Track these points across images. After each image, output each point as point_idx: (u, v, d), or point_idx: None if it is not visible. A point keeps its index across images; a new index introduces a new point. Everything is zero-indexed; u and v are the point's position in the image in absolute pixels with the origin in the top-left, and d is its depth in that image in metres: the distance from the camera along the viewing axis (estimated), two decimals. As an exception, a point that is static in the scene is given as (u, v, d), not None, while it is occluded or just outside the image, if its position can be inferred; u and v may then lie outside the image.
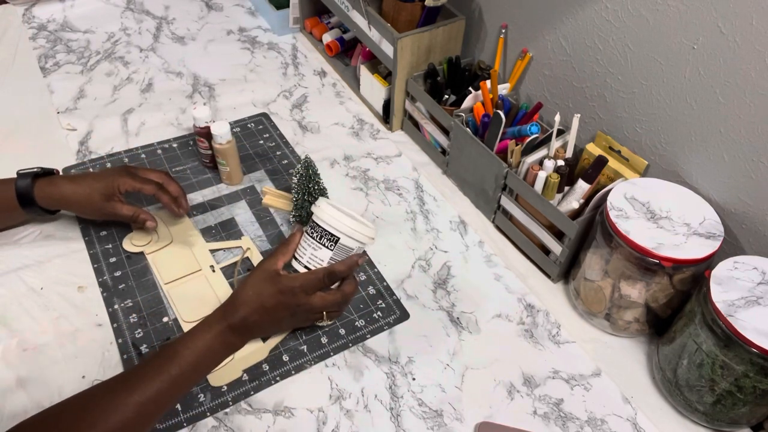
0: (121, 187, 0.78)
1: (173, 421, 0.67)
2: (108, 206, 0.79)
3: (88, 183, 0.78)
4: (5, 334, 0.72)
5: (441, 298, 0.82)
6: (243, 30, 1.27)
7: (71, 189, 0.78)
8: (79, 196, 0.78)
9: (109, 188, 0.78)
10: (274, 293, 0.67)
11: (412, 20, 0.98)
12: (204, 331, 0.66)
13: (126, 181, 0.78)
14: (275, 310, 0.68)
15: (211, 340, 0.65)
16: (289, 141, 1.03)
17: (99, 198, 0.78)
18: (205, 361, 0.65)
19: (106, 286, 0.78)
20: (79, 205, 0.79)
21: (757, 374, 0.62)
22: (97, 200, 0.78)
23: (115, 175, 0.79)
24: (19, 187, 0.76)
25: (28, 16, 1.23)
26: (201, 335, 0.65)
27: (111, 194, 0.78)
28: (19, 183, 0.76)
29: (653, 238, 0.68)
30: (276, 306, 0.67)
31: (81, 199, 0.78)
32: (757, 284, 0.65)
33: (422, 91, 0.97)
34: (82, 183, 0.78)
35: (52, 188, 0.77)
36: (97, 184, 0.78)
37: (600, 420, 0.71)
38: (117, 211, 0.79)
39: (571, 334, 0.79)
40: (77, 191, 0.78)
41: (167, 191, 0.82)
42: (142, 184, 0.79)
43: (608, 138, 0.83)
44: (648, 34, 0.76)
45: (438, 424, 0.69)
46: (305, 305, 0.69)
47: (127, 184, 0.78)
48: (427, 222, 0.92)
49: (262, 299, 0.67)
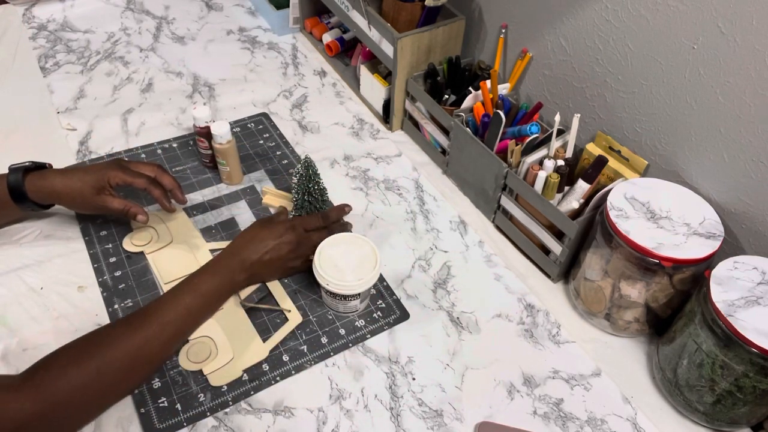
0: (112, 181, 0.78)
1: (173, 421, 0.67)
2: (99, 199, 0.78)
3: (79, 176, 0.78)
4: (5, 334, 0.72)
5: (441, 298, 0.82)
6: (243, 30, 1.27)
7: (62, 182, 0.77)
8: (70, 189, 0.77)
9: (99, 181, 0.78)
10: (281, 231, 0.76)
11: (412, 20, 0.98)
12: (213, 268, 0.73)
13: (117, 174, 0.78)
14: (280, 246, 0.76)
15: (221, 274, 0.73)
16: (289, 141, 1.03)
17: (90, 191, 0.77)
18: (215, 293, 0.73)
19: (106, 286, 0.78)
20: (70, 198, 0.79)
21: (757, 374, 0.62)
22: (88, 194, 0.77)
23: (106, 169, 0.78)
24: (11, 182, 0.75)
25: (28, 16, 1.23)
26: (211, 271, 0.73)
27: (102, 187, 0.78)
28: (10, 178, 0.75)
29: (653, 238, 0.68)
30: (281, 242, 0.76)
31: (72, 192, 0.78)
32: (757, 284, 0.65)
33: (422, 91, 0.97)
34: (73, 176, 0.78)
35: (42, 182, 0.77)
36: (88, 177, 0.78)
37: (600, 420, 0.71)
38: (107, 205, 0.79)
39: (571, 334, 0.79)
40: (68, 184, 0.77)
41: (160, 185, 0.82)
42: (134, 178, 0.79)
43: (608, 138, 0.83)
44: (648, 34, 0.76)
45: (438, 424, 0.69)
46: (305, 239, 0.78)
47: (117, 177, 0.78)
48: (427, 222, 0.92)
49: (268, 237, 0.75)
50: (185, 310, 0.69)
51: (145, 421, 0.66)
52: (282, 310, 0.78)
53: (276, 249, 0.76)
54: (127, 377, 0.66)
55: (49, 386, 0.59)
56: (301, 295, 0.80)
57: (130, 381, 0.67)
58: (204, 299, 0.71)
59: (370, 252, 0.76)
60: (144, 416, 0.66)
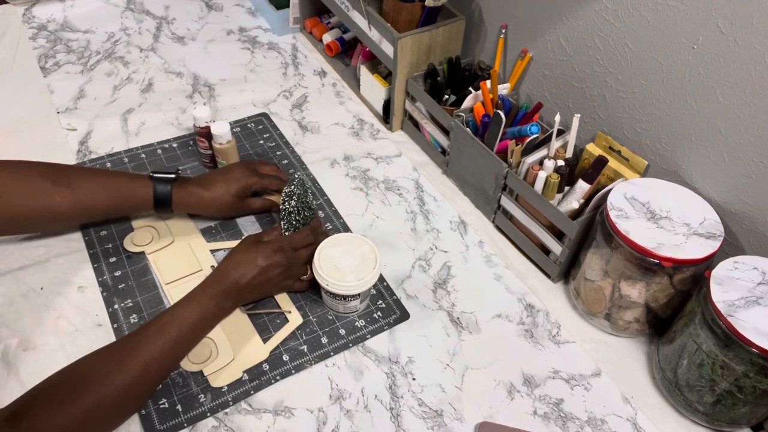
0: (253, 188, 0.85)
1: (174, 421, 0.67)
2: (243, 205, 0.86)
3: (223, 189, 0.83)
4: (5, 334, 0.72)
5: (441, 298, 0.82)
6: (243, 30, 1.27)
7: (210, 197, 0.83)
8: (216, 202, 0.83)
9: (242, 191, 0.84)
10: (269, 253, 0.74)
11: (412, 20, 0.98)
12: (198, 297, 0.70)
13: (255, 182, 0.85)
14: (269, 269, 0.73)
15: (206, 304, 0.70)
16: (289, 141, 1.03)
17: (234, 201, 0.84)
18: (201, 324, 0.70)
19: (106, 286, 0.78)
20: (214, 209, 0.85)
21: (757, 374, 0.62)
22: (234, 203, 0.84)
23: (246, 177, 0.84)
24: (158, 192, 0.79)
25: (28, 16, 1.23)
26: (196, 300, 0.70)
27: (244, 195, 0.85)
28: (158, 187, 0.79)
29: (653, 238, 0.68)
30: (270, 265, 0.73)
31: (217, 203, 0.83)
32: (757, 284, 0.65)
33: (422, 91, 0.97)
34: (217, 189, 0.83)
35: (189, 197, 0.82)
36: (233, 189, 0.83)
37: (600, 420, 0.71)
38: (252, 207, 0.87)
39: (571, 334, 0.79)
40: (214, 198, 0.83)
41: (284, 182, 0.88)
42: (269, 182, 0.87)
43: (608, 138, 0.83)
44: (648, 34, 0.76)
45: (438, 424, 0.69)
46: (295, 259, 0.76)
47: (257, 184, 0.86)
48: (427, 222, 0.92)
49: (257, 260, 0.73)
50: (171, 344, 0.66)
51: (146, 422, 0.66)
52: (282, 311, 0.78)
53: (265, 272, 0.73)
54: (116, 418, 0.64)
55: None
56: (301, 296, 0.80)
57: (118, 420, 0.65)
58: (191, 330, 0.69)
59: (370, 252, 0.76)
60: (144, 418, 0.66)
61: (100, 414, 0.61)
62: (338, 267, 0.74)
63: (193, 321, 0.69)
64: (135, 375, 0.63)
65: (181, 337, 0.67)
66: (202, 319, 0.70)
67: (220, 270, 0.73)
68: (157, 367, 0.65)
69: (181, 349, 0.69)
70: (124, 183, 0.80)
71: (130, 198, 0.80)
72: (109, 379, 0.62)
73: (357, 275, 0.73)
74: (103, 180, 0.79)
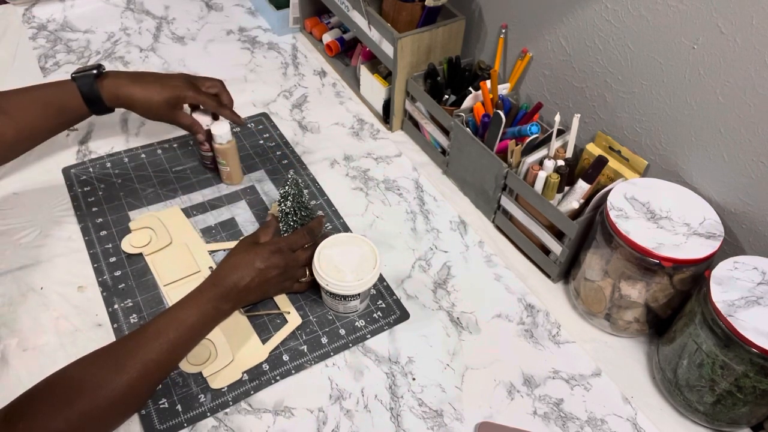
0: (186, 100, 0.85)
1: (174, 421, 0.67)
2: (172, 114, 0.85)
3: (156, 90, 0.83)
4: (5, 334, 0.72)
5: (441, 298, 0.82)
6: (243, 30, 1.27)
7: (142, 93, 0.82)
8: (148, 100, 0.83)
9: (174, 99, 0.83)
10: (267, 255, 0.73)
11: (412, 20, 0.98)
12: (196, 300, 0.70)
13: (191, 95, 0.84)
14: (267, 271, 0.72)
15: (204, 307, 0.69)
16: (289, 141, 1.03)
17: (165, 106, 0.83)
18: (199, 327, 0.69)
19: (106, 286, 0.78)
20: (145, 108, 0.84)
21: (757, 374, 0.62)
22: (164, 108, 0.84)
23: (182, 87, 0.84)
24: (85, 90, 0.79)
25: (28, 16, 1.23)
26: (194, 303, 0.69)
27: (176, 104, 0.84)
28: (81, 83, 0.79)
29: (653, 238, 0.68)
30: (268, 267, 0.72)
31: (149, 103, 0.83)
32: (757, 284, 0.65)
33: (422, 91, 0.97)
34: (150, 89, 0.83)
35: (120, 89, 0.82)
36: (165, 93, 0.83)
37: (600, 420, 0.71)
38: (179, 120, 0.86)
39: (571, 334, 0.79)
40: (147, 96, 0.83)
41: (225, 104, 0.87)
42: (205, 98, 0.85)
43: (608, 138, 0.83)
44: (648, 34, 0.76)
45: (438, 424, 0.69)
46: (293, 261, 0.75)
47: (191, 97, 0.84)
48: (427, 222, 0.92)
49: (255, 262, 0.72)
50: (169, 347, 0.66)
51: (146, 422, 0.66)
52: (281, 312, 0.78)
53: (263, 274, 0.72)
54: (114, 420, 0.64)
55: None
56: (301, 296, 0.80)
57: (115, 422, 0.65)
58: (189, 332, 0.68)
59: (370, 252, 0.76)
60: (144, 418, 0.67)
61: (97, 416, 0.61)
62: (338, 267, 0.74)
63: (192, 323, 0.68)
64: (132, 377, 0.62)
65: (180, 340, 0.67)
66: (200, 322, 0.69)
67: (218, 273, 0.72)
68: (154, 369, 0.65)
69: (180, 352, 0.68)
70: (51, 92, 0.80)
71: (63, 106, 0.81)
72: (106, 381, 0.61)
73: (357, 275, 0.73)
74: (33, 97, 0.80)
